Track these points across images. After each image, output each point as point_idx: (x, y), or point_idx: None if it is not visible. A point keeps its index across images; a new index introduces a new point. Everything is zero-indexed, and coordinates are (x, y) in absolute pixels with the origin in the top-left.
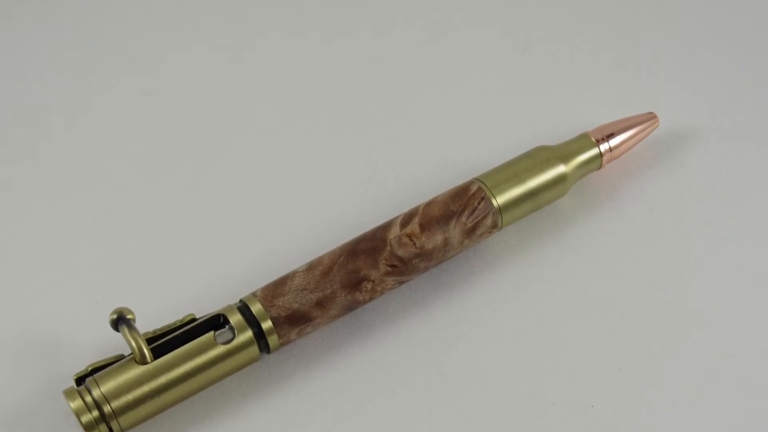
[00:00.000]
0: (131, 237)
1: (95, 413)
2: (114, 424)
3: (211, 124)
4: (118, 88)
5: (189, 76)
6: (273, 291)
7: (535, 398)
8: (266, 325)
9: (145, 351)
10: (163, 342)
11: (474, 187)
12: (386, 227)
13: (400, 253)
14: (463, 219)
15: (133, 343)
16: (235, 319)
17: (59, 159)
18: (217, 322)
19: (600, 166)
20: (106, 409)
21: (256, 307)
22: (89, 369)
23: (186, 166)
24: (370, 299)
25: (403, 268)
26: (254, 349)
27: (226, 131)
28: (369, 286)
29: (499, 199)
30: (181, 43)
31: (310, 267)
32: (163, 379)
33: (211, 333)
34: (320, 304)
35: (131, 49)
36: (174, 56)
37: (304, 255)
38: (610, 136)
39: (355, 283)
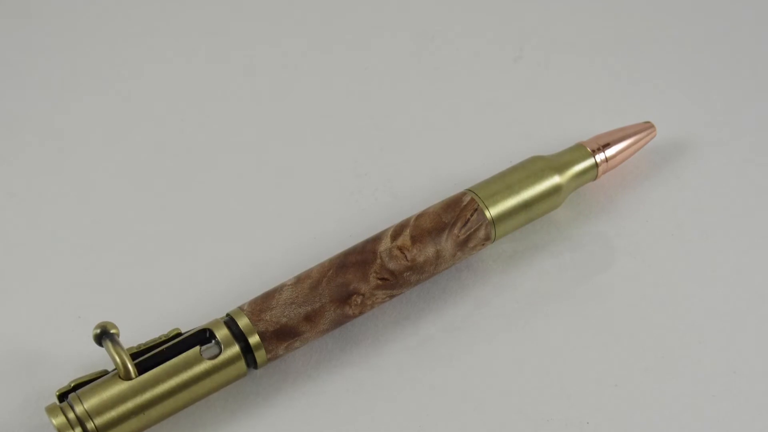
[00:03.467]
0: (115, 250)
1: (78, 430)
2: None
3: (196, 135)
4: (99, 99)
5: (172, 86)
6: (260, 305)
7: (529, 415)
8: (253, 339)
9: (130, 366)
10: (148, 357)
11: (467, 199)
12: (377, 239)
13: (391, 266)
14: (456, 231)
15: (117, 358)
16: (222, 333)
17: (41, 170)
18: (203, 336)
19: (595, 177)
20: (90, 425)
21: (243, 322)
22: (72, 384)
23: (171, 178)
24: (360, 313)
25: (394, 282)
26: (241, 365)
27: (213, 142)
28: (359, 300)
29: (493, 211)
30: (166, 51)
31: (299, 280)
32: (147, 395)
33: (197, 348)
34: (309, 318)
35: (113, 58)
36: (157, 65)
37: (292, 268)
38: (606, 146)
39: (344, 297)
